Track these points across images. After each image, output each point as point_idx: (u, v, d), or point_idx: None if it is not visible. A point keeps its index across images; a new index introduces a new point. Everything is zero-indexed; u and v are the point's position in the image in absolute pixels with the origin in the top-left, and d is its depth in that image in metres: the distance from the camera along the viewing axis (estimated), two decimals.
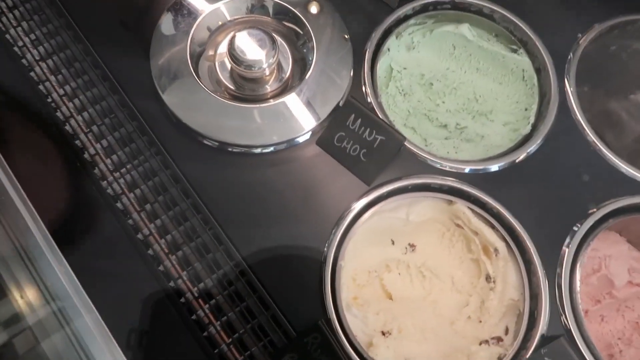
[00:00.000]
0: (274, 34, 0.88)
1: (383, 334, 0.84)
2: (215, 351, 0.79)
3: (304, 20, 0.93)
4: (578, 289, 0.82)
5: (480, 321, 0.86)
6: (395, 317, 0.86)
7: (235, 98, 0.93)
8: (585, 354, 0.77)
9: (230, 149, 0.88)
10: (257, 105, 0.89)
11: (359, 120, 0.85)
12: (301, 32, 0.94)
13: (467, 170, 0.88)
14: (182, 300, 0.82)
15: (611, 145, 1.18)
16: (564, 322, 0.80)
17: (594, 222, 0.86)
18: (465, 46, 1.03)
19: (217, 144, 0.88)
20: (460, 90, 1.03)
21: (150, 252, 0.84)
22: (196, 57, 0.93)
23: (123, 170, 0.90)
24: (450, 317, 0.89)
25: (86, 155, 0.90)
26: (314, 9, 0.92)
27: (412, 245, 0.94)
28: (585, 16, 1.02)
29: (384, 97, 0.99)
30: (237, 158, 0.88)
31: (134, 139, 0.91)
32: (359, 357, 0.76)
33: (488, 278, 0.88)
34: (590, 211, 0.86)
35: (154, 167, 0.90)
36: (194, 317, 0.81)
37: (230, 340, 0.80)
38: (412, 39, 1.03)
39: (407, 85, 1.02)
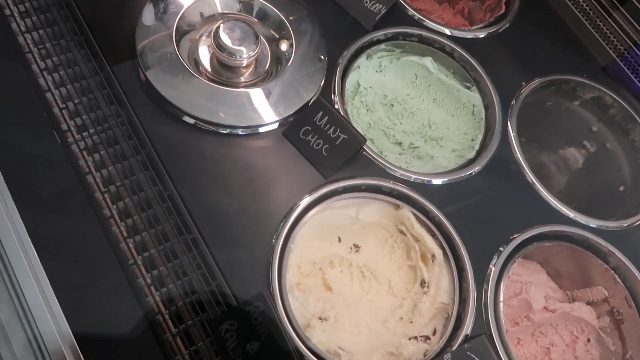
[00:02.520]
0: (258, 32, 0.95)
1: (320, 319, 0.87)
2: (156, 317, 0.79)
3: (287, 25, 1.01)
4: (501, 298, 0.90)
5: (412, 322, 0.91)
6: (334, 307, 0.90)
7: (210, 81, 0.97)
8: (501, 354, 0.84)
9: (200, 126, 0.92)
10: (233, 90, 0.94)
11: (326, 118, 0.92)
12: (282, 34, 1.01)
13: (412, 178, 0.96)
14: (131, 262, 0.82)
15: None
16: (487, 325, 0.86)
17: (521, 241, 0.95)
18: (426, 77, 1.14)
19: (188, 119, 0.92)
20: (417, 115, 1.13)
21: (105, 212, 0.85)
22: (181, 36, 0.98)
23: (85, 133, 0.90)
24: (383, 316, 0.93)
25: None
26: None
27: (356, 246, 0.99)
28: (532, 68, 1.16)
29: (350, 108, 1.07)
30: (207, 135, 0.92)
31: (105, 105, 0.93)
32: (295, 335, 0.79)
33: (423, 283, 0.94)
34: (515, 236, 0.96)
35: (121, 133, 0.91)
36: (140, 280, 0.81)
37: (168, 311, 0.80)
38: (381, 63, 1.13)
39: (371, 102, 1.11)
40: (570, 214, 1.03)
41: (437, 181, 0.98)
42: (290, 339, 0.77)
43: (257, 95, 0.95)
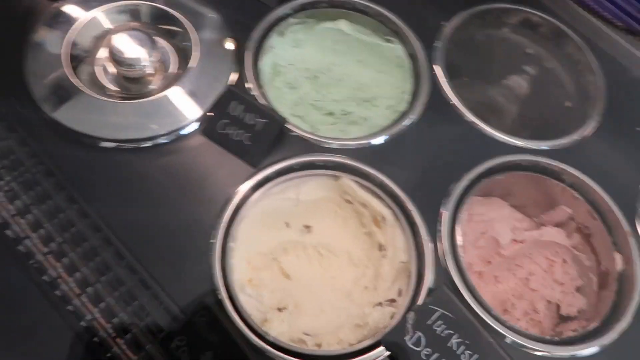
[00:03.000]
0: (153, 35, 0.91)
1: (279, 310, 0.85)
2: (94, 339, 0.77)
3: (183, 21, 0.97)
4: (459, 243, 0.87)
5: (376, 288, 0.89)
6: (292, 295, 0.87)
7: (120, 99, 0.94)
8: (468, 300, 0.82)
9: (122, 147, 0.89)
10: (145, 100, 0.91)
11: (241, 107, 0.89)
12: (181, 32, 0.98)
13: (349, 145, 0.93)
14: (58, 292, 0.79)
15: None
16: (448, 274, 0.84)
17: (470, 181, 0.92)
18: (345, 40, 1.11)
19: (107, 143, 0.89)
20: (345, 81, 1.10)
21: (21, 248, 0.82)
22: (78, 64, 0.95)
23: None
24: (347, 290, 0.91)
25: None
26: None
27: (307, 227, 0.96)
28: (449, 7, 1.12)
29: (272, 91, 1.04)
30: (130, 154, 0.89)
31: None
32: (252, 333, 0.77)
33: (380, 247, 0.92)
34: (462, 177, 0.93)
35: (40, 175, 0.88)
36: (70, 307, 0.79)
37: (111, 326, 0.77)
38: (295, 37, 1.10)
39: (294, 79, 1.07)
40: (520, 142, 1.00)
41: (375, 141, 0.95)
42: (245, 339, 0.74)
43: (170, 99, 0.92)
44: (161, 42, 0.95)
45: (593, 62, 1.09)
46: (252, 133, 0.88)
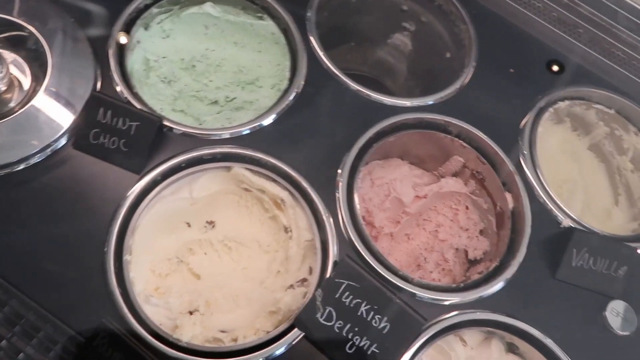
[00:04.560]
0: None
1: (190, 313, 0.82)
2: None
3: (30, 28, 0.89)
4: (358, 211, 0.88)
5: (287, 271, 0.89)
6: (202, 295, 0.85)
7: None
8: (374, 266, 0.83)
9: None
10: (5, 120, 0.83)
11: (109, 112, 0.83)
12: (30, 40, 0.90)
13: (240, 132, 0.90)
14: None
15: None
16: (352, 244, 0.85)
17: (360, 148, 0.93)
18: (215, 24, 1.06)
19: None
20: (224, 66, 1.06)
21: None
22: None
23: None
24: (261, 278, 0.90)
25: None
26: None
27: (210, 222, 0.94)
28: None
29: (146, 88, 0.98)
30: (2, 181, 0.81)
31: None
32: (163, 343, 0.74)
33: (286, 229, 0.91)
34: (353, 144, 0.93)
35: None
36: None
37: None
38: (163, 27, 1.04)
39: (169, 72, 1.02)
40: (407, 102, 1.01)
41: (264, 123, 0.93)
42: (156, 351, 0.72)
43: (32, 115, 0.84)
44: (7, 55, 0.87)
45: (462, 10, 1.11)
46: (127, 138, 0.83)
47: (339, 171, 0.90)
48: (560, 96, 1.06)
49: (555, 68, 1.10)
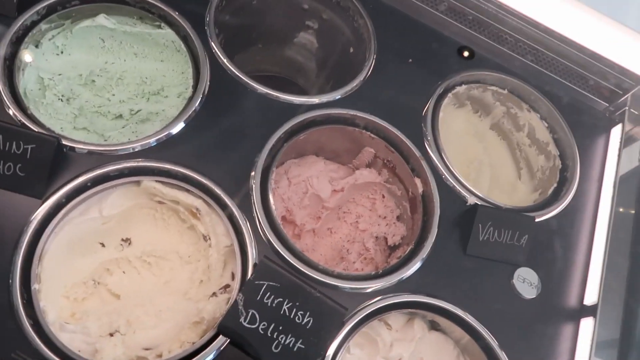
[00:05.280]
0: None
1: (111, 335, 0.80)
2: None
3: None
4: (274, 212, 0.89)
5: (210, 279, 0.88)
6: (121, 314, 0.83)
7: None
8: (294, 263, 0.84)
9: None
10: None
11: (0, 137, 0.79)
12: None
13: (148, 145, 0.88)
14: None
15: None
16: (270, 244, 0.85)
17: (271, 149, 0.93)
18: (112, 36, 1.03)
19: None
20: (126, 78, 1.03)
21: None
22: None
23: None
24: (184, 289, 0.89)
25: None
26: None
27: (126, 240, 0.91)
28: None
29: (43, 109, 0.94)
30: None
31: None
32: None
33: (205, 237, 0.90)
34: (264, 146, 0.93)
35: None
36: None
37: None
38: (55, 43, 0.99)
39: (66, 90, 0.98)
40: (315, 99, 1.03)
41: (172, 132, 0.91)
42: None
43: None
44: None
45: (359, 5, 1.15)
46: (24, 162, 0.79)
47: (252, 173, 0.91)
48: (457, 81, 1.13)
49: (452, 54, 1.16)
